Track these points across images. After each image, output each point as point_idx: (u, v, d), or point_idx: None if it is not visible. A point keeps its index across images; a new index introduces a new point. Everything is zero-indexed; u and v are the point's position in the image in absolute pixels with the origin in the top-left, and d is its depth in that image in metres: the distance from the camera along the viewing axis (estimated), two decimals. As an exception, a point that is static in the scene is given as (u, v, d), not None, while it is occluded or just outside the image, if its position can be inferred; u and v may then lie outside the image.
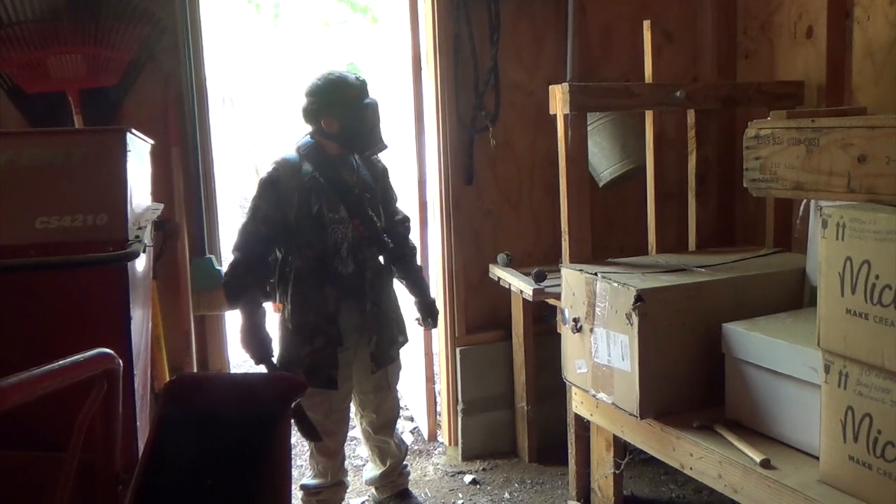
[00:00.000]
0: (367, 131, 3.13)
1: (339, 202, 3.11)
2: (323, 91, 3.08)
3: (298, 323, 3.10)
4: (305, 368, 3.10)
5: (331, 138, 3.12)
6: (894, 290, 2.08)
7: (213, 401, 1.93)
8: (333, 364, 3.13)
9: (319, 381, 3.10)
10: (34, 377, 1.33)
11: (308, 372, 3.09)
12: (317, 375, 3.09)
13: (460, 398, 4.02)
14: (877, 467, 2.18)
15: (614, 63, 4.09)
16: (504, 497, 3.64)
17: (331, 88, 3.08)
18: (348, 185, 3.15)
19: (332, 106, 3.07)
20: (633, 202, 3.92)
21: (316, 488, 3.27)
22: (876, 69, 3.38)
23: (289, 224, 3.07)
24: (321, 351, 3.11)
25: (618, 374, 2.92)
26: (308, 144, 3.15)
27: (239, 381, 2.26)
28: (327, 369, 3.12)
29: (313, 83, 3.11)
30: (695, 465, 2.74)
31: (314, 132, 3.16)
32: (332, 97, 3.07)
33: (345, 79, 3.11)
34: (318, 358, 3.11)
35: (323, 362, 3.11)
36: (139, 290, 2.52)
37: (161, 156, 3.35)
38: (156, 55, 3.47)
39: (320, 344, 3.11)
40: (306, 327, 3.10)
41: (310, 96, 3.10)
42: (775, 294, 3.05)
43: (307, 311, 3.10)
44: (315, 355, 3.10)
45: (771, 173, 2.57)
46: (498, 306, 4.01)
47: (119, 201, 2.29)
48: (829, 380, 2.30)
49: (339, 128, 3.09)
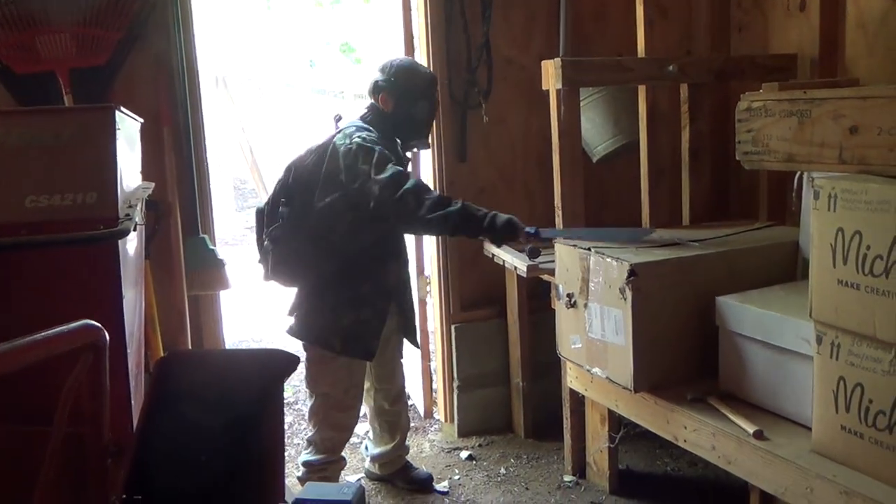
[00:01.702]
0: (416, 121, 3.20)
1: None
2: (392, 70, 3.17)
3: (349, 293, 3.11)
4: (343, 337, 3.11)
5: (382, 117, 3.16)
6: (885, 260, 2.08)
7: (205, 377, 1.93)
8: (376, 336, 3.17)
9: (357, 352, 3.14)
10: (17, 347, 1.33)
11: (346, 341, 3.11)
12: (356, 345, 3.13)
13: (456, 375, 4.03)
14: (868, 436, 2.20)
15: (607, 38, 4.07)
16: (500, 472, 3.66)
17: (400, 70, 3.17)
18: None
19: (394, 85, 3.14)
20: (627, 177, 3.91)
21: (321, 464, 3.28)
22: (868, 41, 3.36)
23: None
24: (367, 322, 3.13)
25: (612, 349, 2.93)
26: (365, 124, 3.15)
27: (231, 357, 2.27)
28: (369, 340, 3.15)
29: (387, 62, 3.22)
30: (689, 438, 2.76)
31: (367, 111, 3.21)
32: (397, 76, 3.15)
33: (417, 67, 3.28)
34: (361, 329, 3.12)
35: (366, 333, 3.14)
36: (131, 269, 2.52)
37: (153, 135, 3.35)
38: (146, 34, 3.45)
39: (367, 315, 3.13)
40: (357, 298, 3.12)
41: (380, 72, 3.19)
42: (769, 267, 3.05)
43: (363, 282, 3.13)
44: (359, 325, 3.12)
45: (763, 146, 2.57)
46: (492, 283, 4.01)
47: (108, 179, 2.28)
48: (822, 350, 2.31)
49: (392, 107, 3.15)
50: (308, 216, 3.10)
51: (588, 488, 3.46)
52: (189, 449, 1.85)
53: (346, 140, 3.03)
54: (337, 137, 3.08)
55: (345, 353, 3.12)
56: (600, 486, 3.43)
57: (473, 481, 3.60)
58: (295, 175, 3.14)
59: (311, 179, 3.09)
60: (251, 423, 1.92)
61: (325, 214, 3.06)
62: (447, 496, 3.48)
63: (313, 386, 3.23)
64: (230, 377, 1.94)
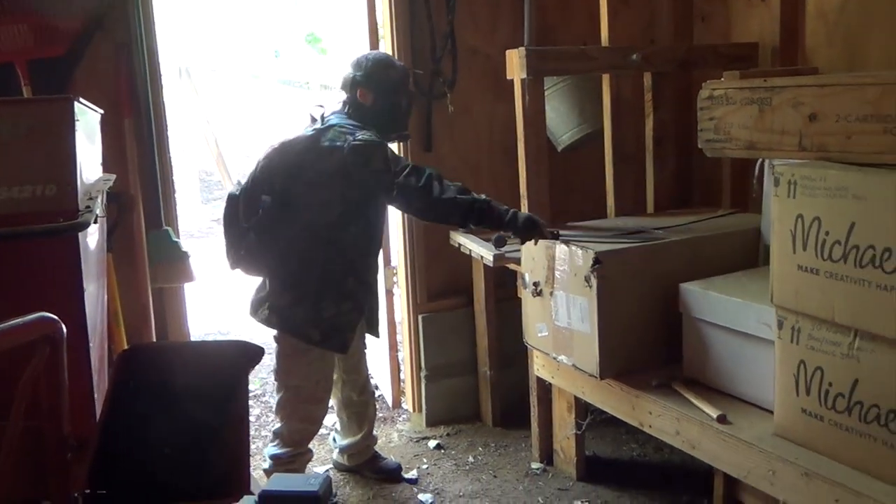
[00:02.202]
0: (399, 112, 3.22)
1: None
2: (368, 64, 3.17)
3: (334, 286, 3.10)
4: (323, 329, 3.10)
5: (363, 111, 3.15)
6: (843, 245, 2.12)
7: (168, 369, 1.91)
8: (352, 329, 3.17)
9: (335, 345, 3.13)
10: (-30, 340, 1.31)
11: (325, 333, 3.10)
12: (333, 339, 3.12)
13: (423, 365, 4.04)
14: (828, 419, 2.24)
15: (571, 27, 4.07)
16: (468, 461, 3.68)
17: (376, 63, 3.18)
18: None
19: (371, 78, 3.14)
20: (592, 166, 3.92)
21: (289, 456, 3.26)
22: (828, 30, 3.41)
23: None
24: (346, 315, 3.13)
25: (578, 336, 2.95)
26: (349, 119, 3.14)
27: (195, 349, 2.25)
28: (345, 333, 3.14)
29: (361, 56, 3.23)
30: (654, 423, 2.79)
31: (345, 105, 3.20)
32: (374, 70, 3.15)
33: (392, 61, 3.29)
34: (339, 321, 3.12)
35: (343, 326, 3.13)
36: (92, 262, 2.49)
37: (114, 127, 3.30)
38: (106, 25, 3.40)
39: (348, 308, 3.13)
40: (340, 291, 3.11)
41: (354, 67, 3.19)
42: (731, 253, 3.09)
43: (348, 275, 3.12)
44: (339, 319, 3.11)
45: (725, 133, 2.59)
46: (459, 273, 4.01)
47: (68, 171, 2.25)
48: (783, 335, 2.34)
49: (372, 100, 3.15)
50: (295, 209, 3.09)
51: (555, 475, 3.49)
52: (153, 442, 1.83)
53: (344, 138, 3.02)
54: (330, 135, 3.04)
55: (322, 346, 3.11)
56: (567, 472, 3.46)
57: (442, 470, 3.61)
58: (277, 166, 3.11)
59: (295, 173, 3.07)
60: (216, 415, 1.91)
61: (314, 209, 3.06)
62: (416, 485, 3.49)
63: (284, 378, 3.21)
64: (194, 369, 1.93)
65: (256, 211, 3.12)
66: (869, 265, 2.05)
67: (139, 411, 1.82)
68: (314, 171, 3.04)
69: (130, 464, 1.80)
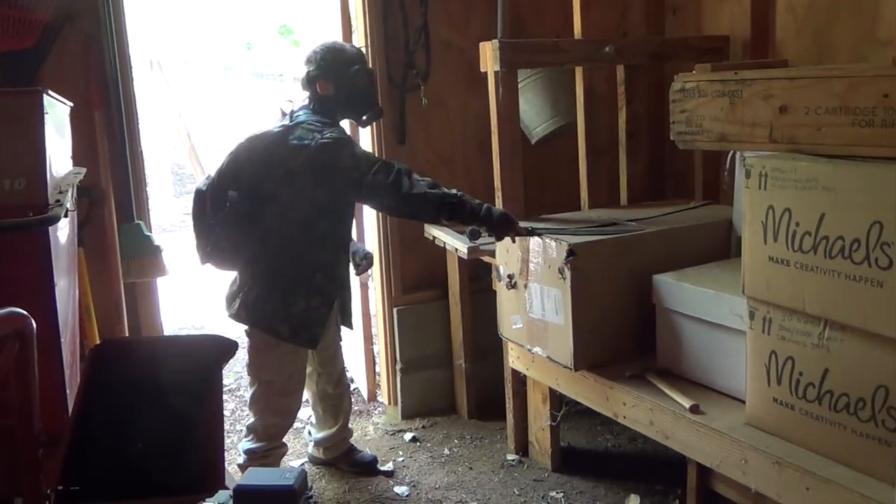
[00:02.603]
0: (361, 91, 3.16)
1: None
2: (319, 57, 3.14)
3: (302, 281, 3.09)
4: (292, 325, 3.09)
5: (327, 103, 3.12)
6: (813, 236, 2.14)
7: (141, 364, 1.91)
8: (322, 324, 3.16)
9: (303, 340, 3.12)
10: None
11: (294, 328, 3.09)
12: (303, 333, 3.11)
13: (398, 358, 4.04)
14: (799, 408, 2.26)
15: (545, 20, 4.08)
16: (444, 453, 3.68)
17: (326, 53, 3.14)
18: None
19: (327, 69, 3.11)
20: (566, 158, 3.94)
21: (263, 451, 3.26)
22: (798, 23, 3.44)
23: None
24: (315, 310, 3.12)
25: (552, 328, 2.96)
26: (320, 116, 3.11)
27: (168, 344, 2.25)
28: (315, 329, 3.13)
29: (310, 52, 3.18)
30: (628, 414, 2.81)
31: (310, 102, 3.17)
32: (327, 61, 3.12)
33: (341, 45, 3.25)
34: (309, 317, 3.11)
35: (314, 322, 3.12)
36: (63, 257, 2.46)
37: (84, 120, 3.26)
38: (75, 16, 3.36)
39: (317, 303, 3.11)
40: (308, 286, 3.10)
41: (307, 63, 3.16)
42: (704, 245, 3.12)
43: (316, 271, 3.11)
44: (308, 314, 3.10)
45: (697, 126, 2.61)
46: (434, 266, 4.01)
47: (37, 165, 2.23)
48: (754, 326, 2.37)
49: (333, 90, 3.12)
50: (263, 206, 3.07)
51: (531, 466, 3.50)
52: (126, 438, 1.83)
53: (312, 135, 3.00)
54: (298, 133, 3.02)
55: (291, 341, 3.10)
56: (543, 463, 3.48)
57: (417, 462, 3.61)
58: (244, 162, 3.09)
59: (263, 169, 3.05)
60: (190, 410, 1.90)
61: (283, 204, 3.05)
62: (391, 478, 3.49)
63: (257, 373, 3.20)
64: (167, 364, 1.92)
65: (223, 206, 3.10)
66: (838, 256, 2.08)
67: (112, 406, 1.81)
68: (282, 168, 3.02)
69: (104, 459, 1.79)
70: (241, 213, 3.08)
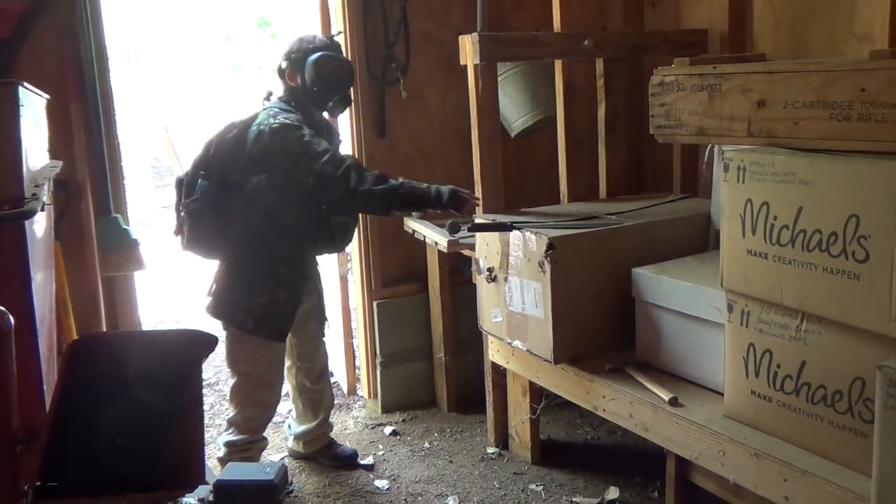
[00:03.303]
0: (326, 77, 3.12)
1: None
2: (288, 48, 3.16)
3: (265, 274, 3.08)
4: (256, 317, 3.08)
5: (297, 92, 3.13)
6: (791, 229, 2.15)
7: (120, 359, 1.88)
8: (289, 319, 3.16)
9: (269, 333, 3.11)
10: None
11: (259, 321, 3.08)
12: (268, 326, 3.10)
13: (378, 351, 4.03)
14: (776, 400, 2.28)
15: (524, 13, 4.08)
16: (424, 446, 3.69)
17: (294, 44, 3.16)
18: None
19: (292, 60, 3.13)
20: (545, 152, 3.95)
21: (244, 444, 3.25)
22: (776, 16, 3.46)
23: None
24: (281, 304, 3.11)
25: (532, 322, 2.97)
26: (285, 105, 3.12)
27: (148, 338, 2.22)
28: (282, 322, 3.13)
29: (284, 48, 3.20)
30: (607, 407, 2.82)
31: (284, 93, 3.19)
32: (293, 51, 3.14)
33: (311, 36, 3.23)
34: (273, 310, 3.10)
35: (278, 315, 3.12)
36: (39, 251, 2.44)
37: (60, 112, 3.23)
38: (51, 6, 3.32)
39: (281, 297, 3.11)
40: (272, 279, 3.09)
41: (280, 58, 3.18)
42: (682, 238, 3.13)
43: (279, 264, 3.10)
44: (272, 307, 3.10)
45: (675, 119, 2.61)
46: (413, 259, 4.01)
47: (13, 158, 2.20)
48: (732, 318, 2.38)
49: (299, 79, 3.12)
50: (228, 193, 3.06)
51: (511, 459, 3.51)
52: (105, 433, 1.81)
53: (268, 120, 3.01)
54: (259, 118, 3.04)
55: (257, 333, 3.10)
56: (523, 456, 3.49)
57: (398, 456, 3.61)
58: (215, 150, 3.09)
59: (231, 157, 3.05)
60: (169, 405, 1.89)
61: (248, 194, 3.04)
62: (372, 471, 3.49)
63: (234, 365, 3.20)
64: (146, 359, 1.90)
65: (194, 194, 3.10)
66: (816, 249, 2.09)
67: (91, 402, 1.79)
68: (245, 156, 3.04)
69: (83, 455, 1.77)
70: (211, 202, 3.08)
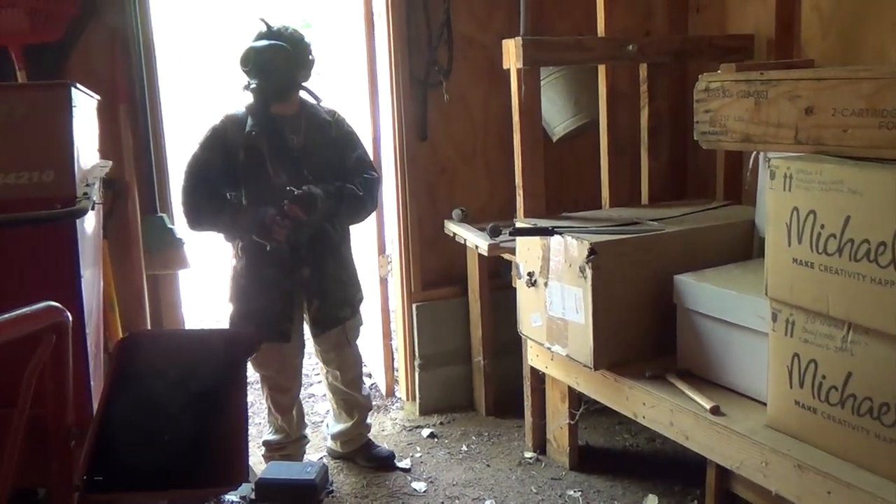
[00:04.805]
0: (267, 77, 3.05)
1: (280, 164, 3.09)
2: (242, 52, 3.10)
3: (254, 276, 3.11)
4: (257, 322, 3.11)
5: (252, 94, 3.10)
6: (838, 239, 2.13)
7: (167, 356, 1.92)
8: (287, 318, 3.16)
9: (272, 335, 3.12)
10: (-21, 329, 1.31)
11: (259, 326, 3.11)
12: (270, 329, 3.11)
13: (417, 354, 4.04)
14: (821, 411, 2.25)
15: (567, 17, 4.07)
16: (462, 449, 3.69)
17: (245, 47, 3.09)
18: (288, 148, 3.12)
19: (243, 61, 3.08)
20: (587, 156, 3.94)
21: (278, 443, 3.30)
22: (823, 22, 3.41)
23: (236, 179, 3.08)
24: (276, 304, 3.13)
25: (572, 327, 2.96)
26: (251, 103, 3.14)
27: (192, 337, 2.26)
28: (281, 323, 3.14)
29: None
30: (647, 414, 2.80)
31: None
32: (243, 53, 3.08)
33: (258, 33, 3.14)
34: (272, 311, 3.12)
35: (277, 316, 3.13)
36: (89, 249, 2.48)
37: (109, 113, 3.28)
38: (101, 9, 3.38)
39: (275, 297, 3.12)
40: (262, 281, 3.11)
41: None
42: (725, 246, 3.10)
43: (262, 264, 3.11)
44: (270, 308, 3.12)
45: (721, 126, 2.60)
46: (453, 262, 4.02)
47: (65, 157, 2.25)
48: (777, 328, 2.36)
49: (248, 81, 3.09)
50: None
51: (548, 464, 3.51)
52: (151, 429, 1.84)
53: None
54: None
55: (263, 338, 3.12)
56: (560, 462, 3.48)
57: (435, 459, 3.62)
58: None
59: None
60: (214, 402, 1.92)
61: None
62: (409, 473, 3.50)
63: (255, 368, 3.28)
64: (192, 357, 1.94)
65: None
66: (864, 259, 2.06)
67: (138, 398, 1.83)
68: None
69: (129, 450, 1.81)
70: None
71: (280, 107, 3.12)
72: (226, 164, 3.07)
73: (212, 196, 3.06)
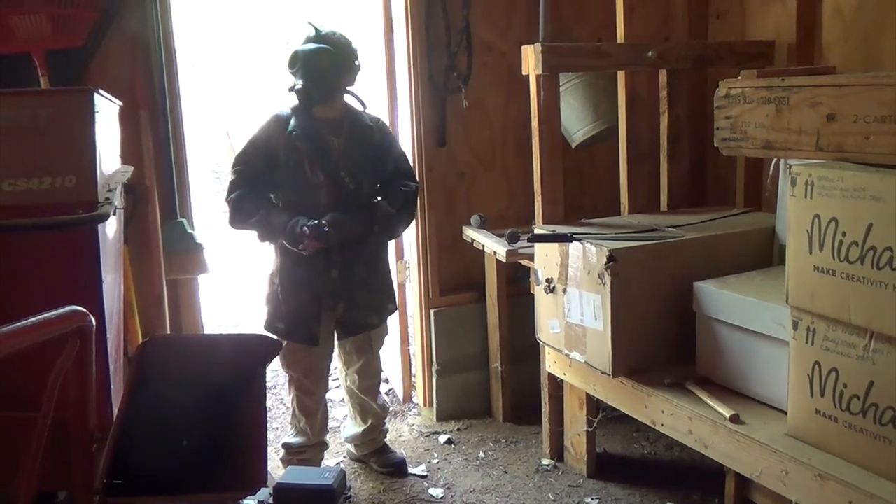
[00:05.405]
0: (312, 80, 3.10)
1: (318, 165, 3.11)
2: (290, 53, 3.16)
3: (286, 277, 3.14)
4: (288, 323, 3.14)
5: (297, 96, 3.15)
6: (860, 246, 2.11)
7: (187, 361, 1.93)
8: (316, 320, 3.17)
9: (301, 337, 3.15)
10: (5, 334, 1.32)
11: (290, 327, 3.13)
12: (299, 331, 3.14)
13: (435, 359, 4.04)
14: (842, 420, 2.23)
15: (586, 23, 4.07)
16: (479, 456, 3.69)
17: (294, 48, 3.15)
18: (329, 149, 3.15)
19: (290, 63, 3.13)
20: (606, 163, 3.93)
21: (299, 447, 3.31)
22: (845, 28, 3.39)
23: (277, 178, 3.13)
24: (305, 306, 3.15)
25: (590, 334, 2.95)
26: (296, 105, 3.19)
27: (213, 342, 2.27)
28: (309, 325, 3.16)
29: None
30: (666, 422, 2.79)
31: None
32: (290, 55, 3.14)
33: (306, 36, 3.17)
34: (302, 313, 3.15)
35: (306, 318, 3.15)
36: (110, 253, 2.50)
37: (130, 118, 3.31)
38: (122, 15, 3.41)
39: (305, 299, 3.14)
40: (293, 282, 3.13)
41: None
42: (745, 253, 3.08)
43: (296, 266, 3.13)
44: (300, 310, 3.14)
45: (741, 132, 2.58)
46: (472, 268, 4.02)
47: (88, 163, 2.27)
48: (797, 336, 2.34)
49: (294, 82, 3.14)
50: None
51: (566, 472, 3.49)
52: (171, 434, 1.85)
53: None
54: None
55: (289, 338, 3.14)
56: (578, 469, 3.47)
57: (452, 465, 3.62)
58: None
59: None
60: (233, 407, 1.92)
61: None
62: (426, 479, 3.50)
63: (284, 369, 3.33)
64: (212, 362, 1.94)
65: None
66: (886, 267, 2.04)
67: (158, 402, 1.84)
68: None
69: (149, 454, 1.81)
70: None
71: (323, 109, 3.15)
72: (267, 164, 3.12)
73: (249, 194, 3.11)
